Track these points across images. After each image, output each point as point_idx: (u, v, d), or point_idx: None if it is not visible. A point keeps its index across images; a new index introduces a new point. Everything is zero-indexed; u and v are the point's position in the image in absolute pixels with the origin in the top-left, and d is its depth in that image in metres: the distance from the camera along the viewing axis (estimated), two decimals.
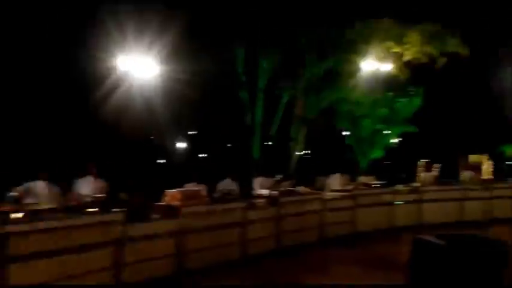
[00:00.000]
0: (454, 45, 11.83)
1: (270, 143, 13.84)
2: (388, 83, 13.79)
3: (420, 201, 10.58)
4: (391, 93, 15.28)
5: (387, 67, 12.66)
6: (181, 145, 20.27)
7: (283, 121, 13.43)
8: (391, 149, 17.31)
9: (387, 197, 10.24)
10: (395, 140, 17.79)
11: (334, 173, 10.48)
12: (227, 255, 6.90)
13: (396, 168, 16.42)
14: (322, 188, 9.77)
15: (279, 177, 9.32)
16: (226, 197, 7.56)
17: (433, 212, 10.43)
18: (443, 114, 18.54)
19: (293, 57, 12.25)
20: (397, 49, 12.19)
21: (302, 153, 14.15)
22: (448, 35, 11.85)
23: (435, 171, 11.96)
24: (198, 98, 11.79)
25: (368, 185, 10.64)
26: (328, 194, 9.33)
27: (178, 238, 6.25)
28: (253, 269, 6.81)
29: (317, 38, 11.53)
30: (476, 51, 12.69)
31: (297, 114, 13.29)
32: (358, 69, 12.68)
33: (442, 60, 12.14)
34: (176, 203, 6.31)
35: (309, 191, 9.11)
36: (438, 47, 11.91)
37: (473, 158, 12.37)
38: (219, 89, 12.49)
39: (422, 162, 12.14)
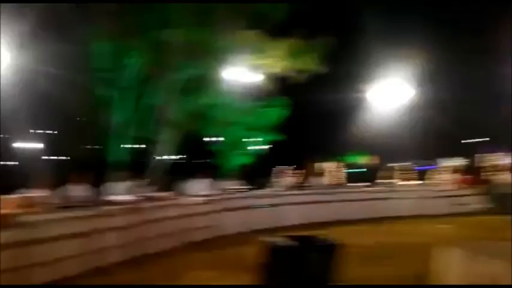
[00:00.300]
0: (311, 62, 12.97)
1: (134, 145, 13.15)
2: (255, 93, 14.44)
3: (278, 204, 11.29)
4: (258, 102, 16.03)
5: (253, 77, 13.26)
6: (29, 145, 17.95)
7: (149, 123, 12.88)
8: (258, 155, 18.12)
9: (248, 202, 10.67)
10: (262, 147, 18.71)
11: (199, 177, 10.49)
12: (76, 268, 6.32)
13: (261, 173, 17.26)
14: (185, 193, 9.68)
15: (140, 182, 8.93)
16: (77, 204, 6.92)
17: (288, 215, 11.21)
18: (304, 124, 20.17)
19: (162, 58, 11.86)
20: (261, 61, 12.86)
21: (168, 157, 13.79)
22: (307, 53, 12.95)
23: (294, 177, 12.99)
24: (52, 93, 10.55)
25: (231, 190, 10.97)
26: (191, 199, 9.28)
27: (10, 252, 5.43)
28: (106, 280, 6.32)
29: (186, 40, 11.40)
30: (334, 68, 14.08)
31: (164, 117, 12.90)
32: (226, 77, 12.98)
33: (301, 75, 13.20)
34: (10, 211, 5.50)
35: (171, 196, 8.93)
36: (298, 62, 12.93)
37: (323, 165, 13.79)
38: (78, 85, 11.37)
39: (287, 168, 13.06)
